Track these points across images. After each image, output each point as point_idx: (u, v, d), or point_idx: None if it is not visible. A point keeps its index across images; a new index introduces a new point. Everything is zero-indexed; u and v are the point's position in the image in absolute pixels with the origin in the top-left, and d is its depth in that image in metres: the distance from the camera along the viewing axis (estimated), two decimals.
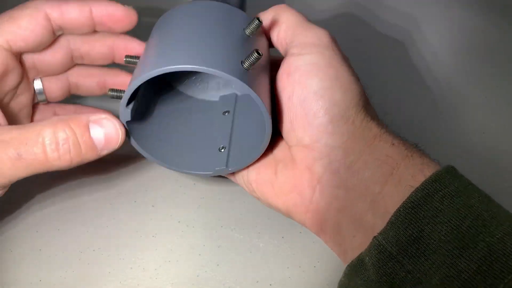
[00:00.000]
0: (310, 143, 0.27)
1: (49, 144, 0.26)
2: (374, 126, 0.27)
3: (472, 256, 0.21)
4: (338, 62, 0.28)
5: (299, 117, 0.28)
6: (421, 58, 0.48)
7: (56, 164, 0.26)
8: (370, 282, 0.24)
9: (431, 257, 0.22)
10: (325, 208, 0.27)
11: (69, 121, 0.26)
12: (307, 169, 0.28)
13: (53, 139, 0.26)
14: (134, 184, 0.36)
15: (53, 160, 0.26)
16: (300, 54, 0.28)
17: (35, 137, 0.25)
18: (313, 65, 0.28)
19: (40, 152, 0.26)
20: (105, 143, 0.27)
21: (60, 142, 0.26)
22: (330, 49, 0.28)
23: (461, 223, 0.22)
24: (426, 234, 0.22)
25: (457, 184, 0.23)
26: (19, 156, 0.25)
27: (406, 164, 0.25)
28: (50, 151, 0.26)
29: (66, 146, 0.26)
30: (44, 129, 0.26)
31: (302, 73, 0.28)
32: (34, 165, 0.26)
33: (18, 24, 0.29)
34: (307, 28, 0.30)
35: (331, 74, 0.27)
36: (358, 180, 0.26)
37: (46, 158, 0.26)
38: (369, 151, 0.26)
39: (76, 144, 0.26)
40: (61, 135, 0.26)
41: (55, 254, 0.32)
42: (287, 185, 0.29)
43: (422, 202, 0.23)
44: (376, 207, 0.25)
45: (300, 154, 0.28)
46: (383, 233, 0.23)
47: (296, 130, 0.28)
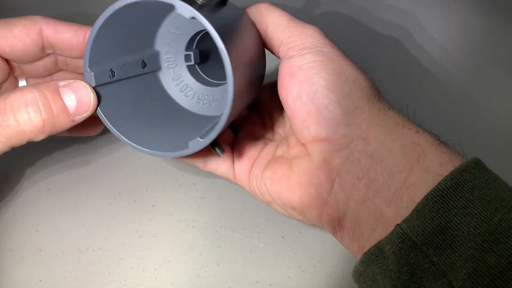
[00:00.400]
0: (327, 136, 0.27)
1: (17, 108, 0.24)
2: (393, 114, 0.26)
3: (503, 251, 0.20)
4: (339, 57, 0.28)
5: (312, 114, 0.27)
6: (420, 57, 0.48)
7: (28, 128, 0.25)
8: (389, 272, 0.23)
9: (459, 249, 0.21)
10: (344, 201, 0.26)
11: (38, 85, 0.25)
12: (325, 161, 0.27)
13: (21, 102, 0.24)
14: (134, 184, 0.36)
15: (24, 124, 0.25)
16: (300, 55, 0.28)
17: (4, 104, 0.24)
18: (316, 61, 0.27)
19: (11, 119, 0.24)
20: (77, 106, 0.26)
21: (29, 103, 0.24)
22: (328, 46, 0.28)
23: (492, 216, 0.21)
24: (454, 225, 0.21)
25: (487, 176, 0.22)
26: None
27: (433, 152, 0.24)
28: (19, 115, 0.25)
29: (35, 107, 0.25)
30: (10, 95, 0.25)
31: (306, 71, 0.27)
32: (5, 134, 0.25)
33: (10, 30, 0.29)
34: (298, 28, 0.29)
35: (336, 69, 0.27)
36: (382, 169, 0.25)
37: (17, 123, 0.25)
38: (392, 138, 0.25)
39: (46, 105, 0.25)
40: (29, 96, 0.25)
41: (55, 254, 0.32)
42: (303, 179, 0.27)
43: (451, 192, 0.22)
44: (400, 196, 0.24)
45: (317, 147, 0.27)
46: (408, 221, 0.22)
47: (310, 127, 0.27)
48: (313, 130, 0.27)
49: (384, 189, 0.24)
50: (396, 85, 0.45)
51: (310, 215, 0.28)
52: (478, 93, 0.44)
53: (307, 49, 0.28)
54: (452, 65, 0.47)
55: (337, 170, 0.26)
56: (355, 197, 0.25)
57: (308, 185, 0.27)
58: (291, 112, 0.28)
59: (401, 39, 0.50)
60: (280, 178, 0.29)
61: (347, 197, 0.26)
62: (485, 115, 0.42)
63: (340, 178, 0.26)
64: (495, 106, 0.43)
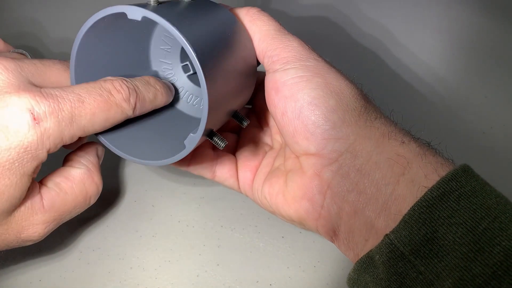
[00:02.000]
0: (316, 151, 0.27)
1: (94, 198, 0.29)
2: (380, 125, 0.27)
3: (487, 260, 0.20)
4: (323, 70, 0.28)
5: (299, 130, 0.27)
6: (421, 58, 0.48)
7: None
8: (380, 280, 0.23)
9: (445, 259, 0.21)
10: (337, 213, 0.27)
11: (96, 169, 0.29)
12: (316, 175, 0.27)
13: (97, 193, 0.29)
14: (134, 184, 0.36)
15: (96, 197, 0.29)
16: (284, 70, 0.28)
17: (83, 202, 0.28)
18: (300, 77, 0.27)
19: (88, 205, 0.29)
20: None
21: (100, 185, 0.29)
22: (312, 59, 0.28)
23: (478, 225, 0.21)
24: (441, 235, 0.21)
25: (474, 184, 0.22)
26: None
27: (418, 163, 0.24)
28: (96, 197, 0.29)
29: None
30: (92, 193, 0.28)
31: (290, 87, 0.27)
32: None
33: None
34: (283, 40, 0.29)
35: (320, 83, 0.27)
36: (369, 182, 0.25)
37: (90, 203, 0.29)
38: (378, 151, 0.26)
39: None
40: (100, 184, 0.29)
41: (55, 254, 0.32)
42: (297, 193, 0.28)
43: (437, 202, 0.22)
44: (388, 209, 0.24)
45: (308, 161, 0.28)
46: (395, 232, 0.23)
47: (299, 142, 0.28)
48: (303, 145, 0.27)
49: (372, 201, 0.25)
50: (395, 84, 0.45)
51: (308, 226, 0.29)
52: (478, 93, 0.44)
53: (291, 63, 0.28)
54: (452, 65, 0.47)
55: (327, 183, 0.27)
56: (346, 209, 0.26)
57: (302, 198, 0.28)
58: (280, 127, 0.28)
59: (402, 39, 0.50)
60: (277, 193, 0.29)
61: (339, 210, 0.26)
62: (485, 115, 0.42)
63: (331, 191, 0.27)
64: (495, 106, 0.43)
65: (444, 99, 0.44)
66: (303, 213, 0.28)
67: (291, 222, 0.30)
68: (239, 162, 0.32)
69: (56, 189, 0.27)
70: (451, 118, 0.42)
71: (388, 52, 0.48)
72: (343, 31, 0.50)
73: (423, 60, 0.47)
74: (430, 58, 0.48)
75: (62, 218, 0.28)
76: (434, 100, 0.43)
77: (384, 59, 0.47)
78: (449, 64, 0.47)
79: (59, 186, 0.27)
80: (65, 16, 0.49)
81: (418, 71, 0.46)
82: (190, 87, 0.32)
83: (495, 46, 0.49)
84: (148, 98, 0.27)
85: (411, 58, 0.48)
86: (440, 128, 0.41)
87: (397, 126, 0.27)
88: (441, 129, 0.41)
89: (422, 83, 0.45)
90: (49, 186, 0.27)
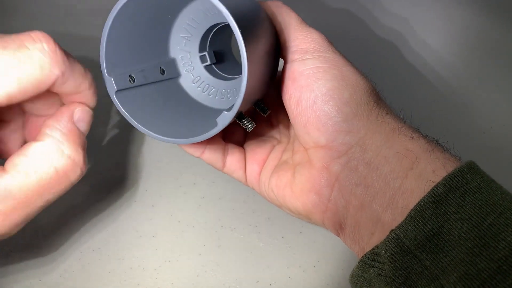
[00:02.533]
0: (326, 143, 0.27)
1: (74, 176, 0.26)
2: (390, 120, 0.27)
3: (492, 255, 0.20)
4: (340, 63, 0.28)
5: (312, 120, 0.27)
6: (421, 58, 0.48)
7: (80, 175, 0.26)
8: (384, 276, 0.23)
9: (450, 253, 0.21)
10: (344, 206, 0.27)
11: (71, 140, 0.25)
12: (325, 168, 0.27)
13: (78, 170, 0.26)
14: (134, 184, 0.36)
15: (79, 177, 0.27)
16: (302, 60, 0.28)
17: (59, 182, 0.25)
18: (317, 68, 0.28)
19: (68, 186, 0.26)
20: (87, 125, 0.27)
21: (83, 163, 0.26)
22: (330, 52, 0.28)
23: (483, 220, 0.21)
24: (446, 230, 0.22)
25: (480, 180, 0.23)
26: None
27: (427, 158, 0.25)
28: (79, 175, 0.26)
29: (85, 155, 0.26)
30: (62, 168, 0.25)
31: (307, 77, 0.28)
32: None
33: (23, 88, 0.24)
34: (304, 31, 0.29)
35: (337, 75, 0.27)
36: (378, 176, 0.25)
37: (71, 182, 0.26)
38: (388, 146, 0.26)
39: (84, 146, 0.26)
40: (81, 159, 0.26)
41: (55, 254, 0.32)
42: (305, 185, 0.28)
43: (443, 198, 0.22)
44: (396, 202, 0.24)
45: (317, 154, 0.28)
46: (402, 227, 0.23)
47: (311, 133, 0.28)
48: (314, 135, 0.28)
49: (380, 195, 0.25)
50: (397, 86, 0.45)
51: (314, 219, 0.29)
52: (478, 93, 0.44)
53: (309, 54, 0.28)
54: (452, 65, 0.47)
55: (336, 176, 0.27)
56: (353, 202, 0.26)
57: (309, 191, 0.28)
58: (293, 116, 0.29)
59: (402, 40, 0.50)
60: (285, 185, 0.29)
61: (346, 203, 0.26)
62: (485, 115, 0.42)
63: (339, 185, 0.27)
64: (495, 106, 0.43)
65: (444, 99, 0.44)
66: (310, 206, 0.28)
67: (298, 215, 0.30)
68: (247, 155, 0.33)
69: (13, 172, 0.23)
70: (451, 118, 0.42)
71: (388, 53, 0.48)
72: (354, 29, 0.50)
73: (423, 60, 0.47)
74: (430, 58, 0.48)
75: (30, 205, 0.24)
76: (434, 100, 0.43)
77: (384, 60, 0.47)
78: (449, 64, 0.47)
79: (17, 168, 0.23)
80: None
81: (418, 71, 0.46)
82: (206, 78, 0.33)
83: (495, 46, 0.49)
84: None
85: (411, 58, 0.48)
86: (440, 128, 0.41)
87: (407, 123, 0.27)
88: (441, 129, 0.41)
89: (422, 83, 0.45)
90: (7, 170, 0.23)
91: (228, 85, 0.33)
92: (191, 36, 0.31)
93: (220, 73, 0.33)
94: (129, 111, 0.27)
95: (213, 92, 0.33)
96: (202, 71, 0.33)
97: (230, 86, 0.33)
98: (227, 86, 0.33)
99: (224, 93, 0.33)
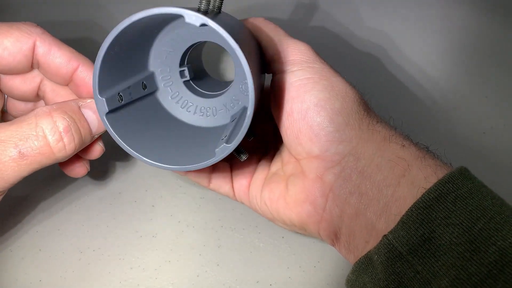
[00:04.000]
0: (320, 153, 0.27)
1: (51, 135, 0.25)
2: (381, 129, 0.27)
3: (483, 259, 0.20)
4: (329, 73, 0.28)
5: (304, 131, 0.27)
6: (421, 58, 0.48)
7: (62, 154, 0.25)
8: (378, 281, 0.24)
9: (442, 258, 0.21)
10: (339, 216, 0.27)
11: (63, 109, 0.25)
12: (319, 178, 0.28)
13: (54, 129, 0.25)
14: (134, 184, 0.36)
15: (59, 151, 0.25)
16: (291, 71, 0.28)
17: (34, 131, 0.24)
18: (307, 79, 0.28)
19: (43, 145, 0.24)
20: (99, 123, 0.27)
21: (63, 131, 0.25)
22: (318, 62, 0.29)
23: (473, 225, 0.21)
24: (437, 235, 0.22)
25: (470, 186, 0.23)
26: (22, 154, 0.24)
27: (418, 165, 0.25)
28: (54, 142, 0.25)
29: (70, 134, 0.25)
30: (41, 120, 0.24)
31: (297, 88, 0.28)
32: (39, 161, 0.25)
33: (0, 41, 0.27)
34: (290, 44, 0.30)
35: (327, 85, 0.28)
36: (371, 184, 0.26)
37: (51, 151, 0.25)
38: (380, 154, 0.26)
39: (77, 131, 0.26)
40: (62, 124, 0.25)
41: (55, 254, 0.32)
42: (299, 196, 0.28)
43: (434, 203, 0.23)
44: (389, 210, 0.25)
45: (311, 165, 0.28)
46: (394, 232, 0.23)
47: (303, 144, 0.28)
48: (306, 146, 0.28)
49: (374, 203, 0.25)
50: (395, 85, 0.45)
51: (309, 230, 0.29)
52: (478, 93, 0.44)
53: (297, 65, 0.28)
54: (452, 65, 0.47)
55: (330, 186, 0.27)
56: (348, 211, 0.26)
57: (304, 202, 0.28)
58: (284, 128, 0.29)
59: (400, 37, 0.50)
60: (278, 198, 0.30)
61: (341, 212, 0.27)
62: (485, 115, 0.42)
63: (333, 194, 0.27)
64: (495, 106, 0.43)
65: (444, 99, 0.44)
66: (305, 217, 0.28)
67: (292, 227, 0.30)
68: (234, 169, 0.33)
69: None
70: (451, 118, 0.42)
71: (388, 53, 0.48)
72: (341, 38, 0.50)
73: (423, 60, 0.47)
74: (430, 58, 0.48)
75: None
76: (434, 100, 0.43)
77: (384, 60, 0.47)
78: (449, 64, 0.47)
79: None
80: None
81: (418, 72, 0.46)
82: (185, 93, 0.32)
83: (495, 46, 0.49)
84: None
85: (411, 58, 0.48)
86: (440, 128, 0.41)
87: (397, 131, 0.28)
88: (441, 129, 0.41)
89: (422, 83, 0.45)
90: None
91: (207, 103, 0.32)
92: (173, 50, 0.31)
93: (198, 90, 0.33)
94: (118, 133, 0.27)
95: (191, 109, 0.32)
96: (181, 86, 0.32)
97: (209, 104, 0.32)
98: (205, 104, 0.32)
99: (203, 111, 0.32)
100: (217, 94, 0.33)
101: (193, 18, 0.24)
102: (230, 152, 0.26)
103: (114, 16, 0.49)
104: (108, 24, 0.49)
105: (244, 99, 0.31)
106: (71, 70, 0.28)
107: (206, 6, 0.25)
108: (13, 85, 0.29)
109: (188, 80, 0.32)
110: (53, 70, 0.28)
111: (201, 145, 0.30)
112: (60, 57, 0.28)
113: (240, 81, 0.31)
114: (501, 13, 0.52)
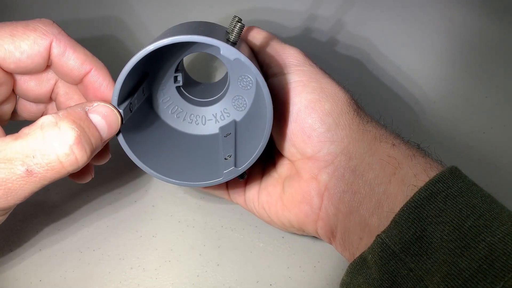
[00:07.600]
0: (313, 154, 0.28)
1: (60, 149, 0.23)
2: (371, 128, 0.28)
3: (473, 255, 0.21)
4: (319, 75, 0.29)
5: (296, 133, 0.28)
6: (421, 58, 0.48)
7: (73, 168, 0.24)
8: (372, 280, 0.24)
9: (433, 255, 0.22)
10: (334, 214, 0.28)
11: (71, 117, 0.23)
12: (313, 178, 0.28)
13: (63, 143, 0.23)
14: (134, 184, 0.36)
15: (70, 165, 0.23)
16: (281, 75, 0.29)
17: (43, 146, 0.23)
18: (296, 82, 0.29)
19: (52, 160, 0.23)
20: (108, 129, 0.25)
21: (73, 143, 0.23)
22: (308, 65, 0.29)
23: (463, 223, 0.22)
24: (429, 233, 0.23)
25: (461, 185, 0.24)
26: (30, 172, 0.22)
27: (408, 163, 0.26)
28: (65, 157, 0.23)
29: (80, 145, 0.23)
30: (47, 133, 0.23)
31: (288, 91, 0.29)
32: (49, 177, 0.23)
33: (17, 45, 0.26)
34: (280, 48, 0.30)
35: (316, 87, 0.28)
36: (363, 182, 0.26)
37: (62, 166, 0.23)
38: (371, 153, 0.27)
39: (88, 140, 0.24)
40: (71, 135, 0.23)
41: (55, 254, 0.32)
42: (296, 197, 0.29)
43: (425, 202, 0.23)
44: (381, 207, 0.25)
45: (305, 166, 0.29)
46: (387, 232, 0.24)
47: (296, 145, 0.29)
48: (299, 147, 0.28)
49: (366, 200, 0.26)
50: (395, 85, 0.45)
51: (307, 230, 0.30)
52: (478, 93, 0.44)
53: (288, 69, 0.29)
54: (452, 65, 0.47)
55: (324, 185, 0.28)
56: (342, 209, 0.27)
57: (301, 202, 0.29)
58: (277, 131, 0.29)
59: (400, 37, 0.50)
60: (276, 200, 0.30)
61: (336, 210, 0.27)
62: (485, 115, 0.42)
63: (328, 193, 0.28)
64: (495, 106, 0.43)
65: (444, 99, 0.44)
66: (303, 217, 0.29)
67: (291, 228, 0.31)
68: None
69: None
70: (451, 118, 0.42)
71: (388, 53, 0.48)
72: (341, 38, 0.50)
73: (423, 60, 0.47)
74: (430, 58, 0.48)
75: None
76: (434, 100, 0.43)
77: (384, 59, 0.47)
78: (449, 64, 0.47)
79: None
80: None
81: (418, 72, 0.46)
82: (176, 99, 0.32)
83: (495, 46, 0.49)
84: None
85: (411, 59, 0.48)
86: (441, 128, 0.41)
87: (387, 130, 0.28)
88: (442, 129, 0.41)
89: (422, 83, 0.45)
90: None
91: (196, 111, 0.32)
92: (172, 57, 0.31)
93: (189, 96, 0.33)
94: (131, 146, 0.27)
95: (180, 115, 0.32)
96: (173, 91, 0.32)
97: (198, 112, 0.33)
98: (195, 111, 0.33)
99: (193, 118, 0.33)
100: (207, 102, 0.33)
101: (227, 52, 0.25)
102: (238, 175, 0.28)
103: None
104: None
105: (235, 114, 0.32)
106: (83, 73, 0.28)
107: (236, 39, 0.26)
108: (27, 88, 0.29)
109: (179, 86, 0.32)
110: (66, 71, 0.28)
111: (197, 156, 0.31)
112: (74, 59, 0.27)
113: (234, 96, 0.31)
114: (501, 14, 0.52)
